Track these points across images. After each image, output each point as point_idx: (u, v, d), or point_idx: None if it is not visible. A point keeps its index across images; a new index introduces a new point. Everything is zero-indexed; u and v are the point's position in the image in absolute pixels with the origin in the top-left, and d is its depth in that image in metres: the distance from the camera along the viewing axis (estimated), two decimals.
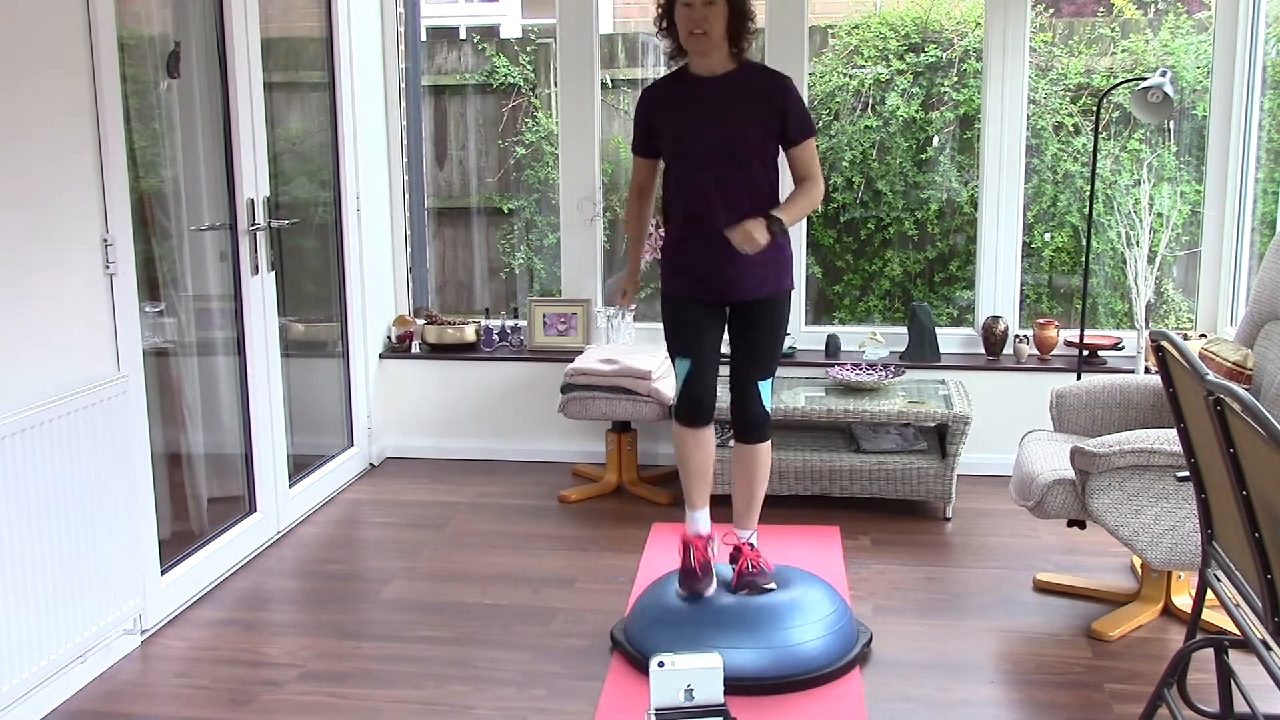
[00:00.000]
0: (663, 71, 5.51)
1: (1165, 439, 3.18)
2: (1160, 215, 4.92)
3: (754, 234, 3.08)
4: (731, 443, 3.49)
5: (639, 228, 3.56)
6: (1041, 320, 4.92)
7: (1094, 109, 4.81)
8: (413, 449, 5.24)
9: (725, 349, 3.42)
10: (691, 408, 3.36)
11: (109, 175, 3.21)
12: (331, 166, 4.76)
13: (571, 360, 4.74)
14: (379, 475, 5.02)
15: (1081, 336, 4.70)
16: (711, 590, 3.30)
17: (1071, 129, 5.19)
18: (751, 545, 3.42)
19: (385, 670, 3.21)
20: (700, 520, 3.40)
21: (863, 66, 5.34)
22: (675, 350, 3.38)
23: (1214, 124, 4.75)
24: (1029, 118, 4.97)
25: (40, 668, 2.93)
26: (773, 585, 3.31)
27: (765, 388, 3.38)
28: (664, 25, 3.28)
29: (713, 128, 3.22)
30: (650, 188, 3.49)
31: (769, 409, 3.41)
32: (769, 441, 3.44)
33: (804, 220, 5.07)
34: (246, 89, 3.95)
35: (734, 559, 3.42)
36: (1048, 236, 5.25)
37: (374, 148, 5.07)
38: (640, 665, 3.08)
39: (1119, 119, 5.15)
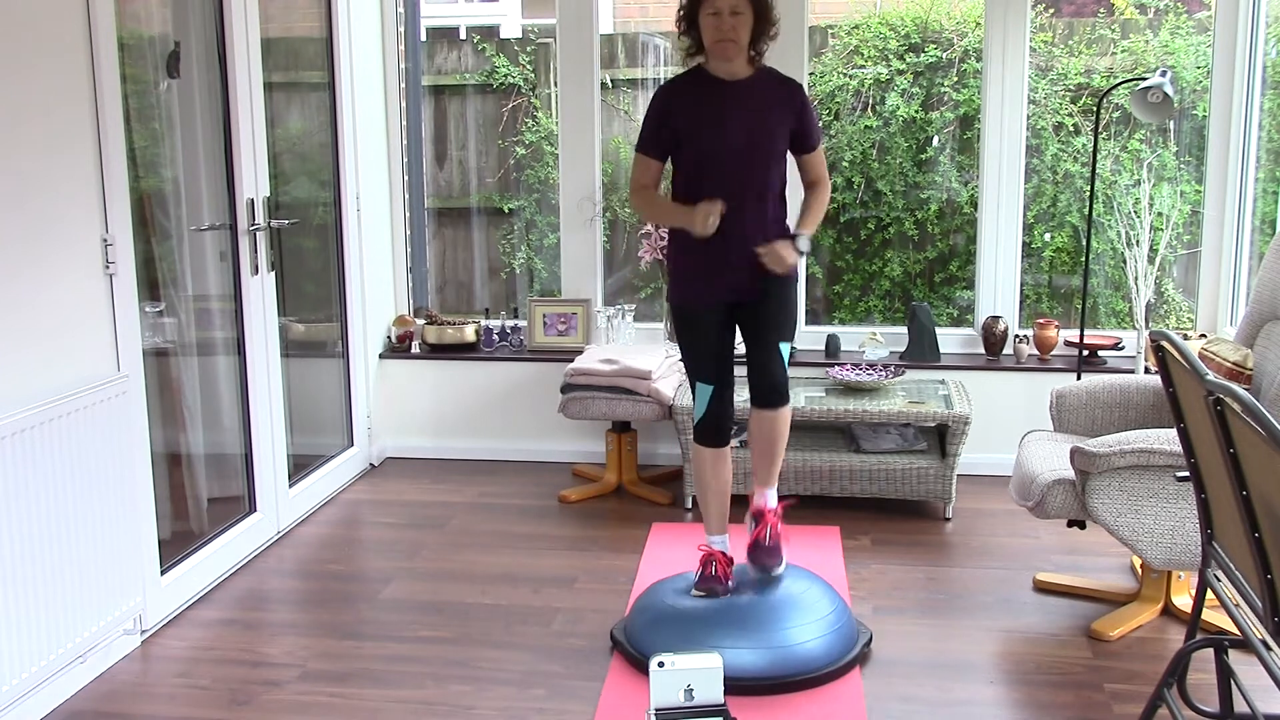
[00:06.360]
0: (663, 71, 5.54)
1: (1165, 439, 3.18)
2: (1160, 215, 4.92)
3: (784, 255, 3.19)
4: (743, 434, 3.47)
5: (653, 198, 3.35)
6: (1041, 320, 4.91)
7: (1094, 109, 4.81)
8: (413, 449, 5.24)
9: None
10: (714, 428, 3.38)
11: (109, 175, 3.21)
12: (331, 166, 4.76)
13: (571, 360, 4.74)
14: (379, 475, 5.02)
15: (1081, 336, 4.69)
16: (728, 594, 3.31)
17: (1071, 129, 5.18)
18: (775, 512, 3.42)
19: (385, 670, 3.21)
20: (719, 544, 3.43)
21: (863, 66, 5.34)
22: (696, 376, 3.36)
23: (1214, 124, 4.74)
24: (1029, 118, 4.97)
25: (40, 668, 2.93)
26: (781, 571, 3.37)
27: (786, 351, 3.35)
28: (684, 27, 3.27)
29: (739, 130, 3.22)
30: (656, 189, 3.39)
31: (788, 376, 3.38)
32: (789, 404, 3.39)
33: None
34: (246, 89, 3.95)
35: (756, 519, 3.41)
36: (1048, 236, 5.25)
37: (374, 148, 5.07)
38: (640, 665, 3.08)
39: (1119, 119, 5.15)
